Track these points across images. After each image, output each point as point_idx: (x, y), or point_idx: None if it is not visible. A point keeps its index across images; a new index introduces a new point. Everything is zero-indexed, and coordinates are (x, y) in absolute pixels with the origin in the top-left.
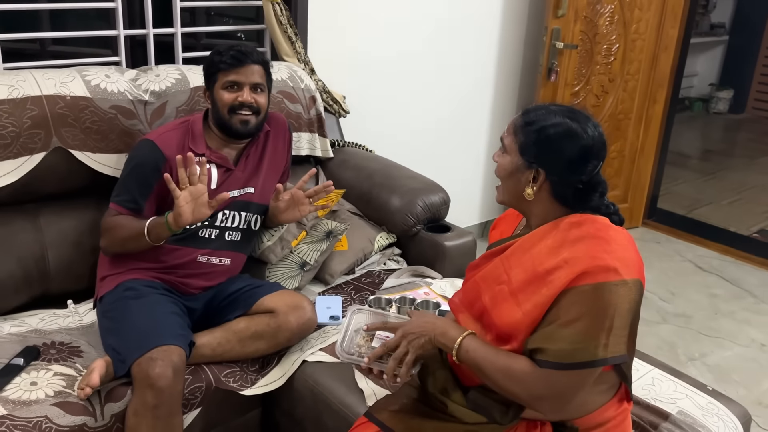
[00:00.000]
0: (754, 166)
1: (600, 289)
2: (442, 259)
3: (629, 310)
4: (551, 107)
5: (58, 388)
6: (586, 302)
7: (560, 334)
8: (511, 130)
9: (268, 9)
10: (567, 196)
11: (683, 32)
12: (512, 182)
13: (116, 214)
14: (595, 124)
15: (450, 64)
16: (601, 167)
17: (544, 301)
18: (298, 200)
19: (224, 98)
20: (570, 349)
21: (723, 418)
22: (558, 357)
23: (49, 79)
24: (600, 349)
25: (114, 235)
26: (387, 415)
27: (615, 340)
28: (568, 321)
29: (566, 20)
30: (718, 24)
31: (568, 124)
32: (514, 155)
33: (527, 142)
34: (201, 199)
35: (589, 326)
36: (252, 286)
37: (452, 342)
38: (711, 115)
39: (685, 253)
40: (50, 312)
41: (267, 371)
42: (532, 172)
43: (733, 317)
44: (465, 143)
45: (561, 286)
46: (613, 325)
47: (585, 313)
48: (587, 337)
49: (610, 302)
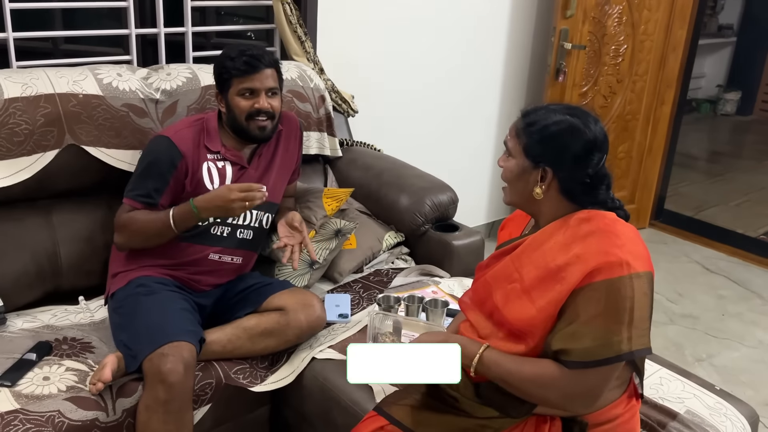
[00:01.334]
0: (761, 168)
1: (615, 284)
2: (450, 259)
3: (646, 302)
4: (550, 106)
5: (70, 383)
6: (602, 298)
7: (582, 332)
8: (513, 133)
9: (278, 9)
10: (575, 192)
11: (691, 33)
12: (521, 184)
13: (131, 209)
14: (595, 119)
15: (458, 64)
16: (605, 160)
17: (558, 297)
18: (296, 237)
19: (241, 105)
20: (594, 346)
21: (731, 418)
22: (584, 356)
23: (62, 78)
24: (624, 344)
25: (133, 230)
26: (396, 408)
27: (638, 333)
28: (588, 319)
29: (574, 21)
30: (726, 25)
31: (569, 120)
32: (520, 157)
33: (531, 143)
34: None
35: (609, 322)
36: (262, 284)
37: (470, 359)
38: (718, 116)
39: (692, 255)
40: (62, 308)
41: (276, 368)
42: (540, 171)
43: (740, 318)
44: (473, 143)
45: (575, 283)
46: (633, 317)
47: (603, 309)
48: (609, 332)
49: (626, 296)
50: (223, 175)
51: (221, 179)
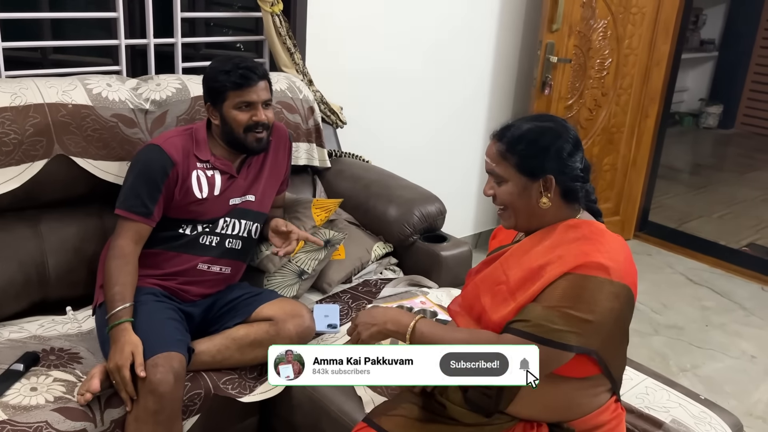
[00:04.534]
0: (743, 181)
1: (584, 279)
2: (438, 269)
3: (610, 310)
4: (515, 123)
5: (58, 393)
6: (567, 288)
7: (535, 309)
8: (496, 159)
9: (267, 20)
10: (575, 190)
11: (675, 48)
12: (523, 202)
13: (132, 236)
14: (554, 116)
15: (446, 77)
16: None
17: (535, 291)
18: (290, 241)
19: (239, 118)
20: (538, 323)
21: (715, 426)
22: (525, 327)
23: (51, 87)
24: (569, 335)
25: (107, 268)
26: (386, 419)
27: (588, 334)
28: (548, 301)
29: (560, 35)
30: (708, 40)
31: (548, 125)
32: (515, 177)
33: (523, 159)
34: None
35: (562, 308)
36: (251, 294)
37: (405, 327)
38: (701, 130)
39: (676, 266)
40: (49, 318)
41: (265, 378)
42: (540, 182)
43: (723, 329)
44: (460, 154)
45: (551, 279)
46: (585, 315)
47: (564, 296)
48: (559, 318)
49: (591, 294)
50: (212, 184)
51: (210, 188)
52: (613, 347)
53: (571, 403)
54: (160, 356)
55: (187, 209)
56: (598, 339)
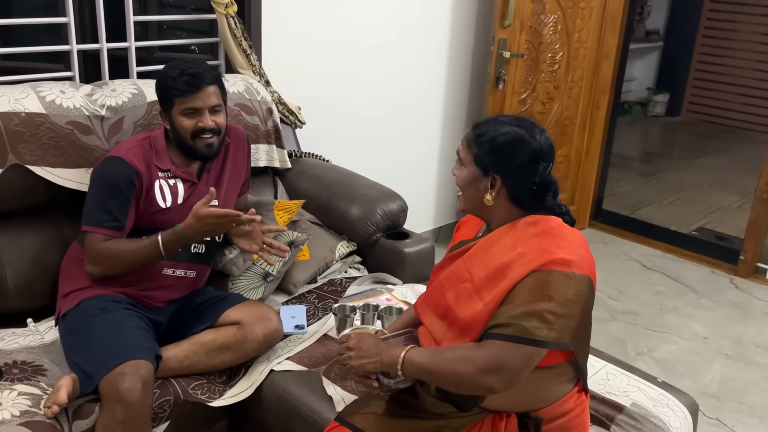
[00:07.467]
0: (691, 167)
1: (548, 275)
2: (402, 266)
3: (574, 301)
4: (500, 118)
5: (23, 407)
6: (535, 285)
7: (507, 311)
8: (465, 143)
9: (222, 22)
10: (523, 198)
11: (622, 40)
12: (472, 191)
13: (105, 238)
14: (541, 129)
15: (401, 74)
16: (551, 169)
17: (502, 292)
18: (256, 237)
19: (185, 125)
20: (512, 324)
21: (673, 408)
22: (501, 329)
23: (2, 96)
24: (544, 331)
25: (116, 261)
26: (358, 417)
27: (560, 328)
28: (517, 301)
29: (512, 30)
30: (653, 30)
31: (516, 131)
32: (471, 166)
33: (481, 153)
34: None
35: (533, 306)
36: (217, 299)
37: (396, 358)
38: (649, 118)
39: (631, 253)
40: (9, 331)
41: (234, 382)
42: (489, 179)
43: (677, 313)
44: (418, 150)
45: (518, 278)
46: (555, 310)
47: (530, 294)
48: (532, 317)
49: (555, 288)
50: (175, 193)
51: (173, 197)
52: (581, 337)
53: (538, 392)
54: (127, 364)
55: (152, 219)
56: (569, 331)
